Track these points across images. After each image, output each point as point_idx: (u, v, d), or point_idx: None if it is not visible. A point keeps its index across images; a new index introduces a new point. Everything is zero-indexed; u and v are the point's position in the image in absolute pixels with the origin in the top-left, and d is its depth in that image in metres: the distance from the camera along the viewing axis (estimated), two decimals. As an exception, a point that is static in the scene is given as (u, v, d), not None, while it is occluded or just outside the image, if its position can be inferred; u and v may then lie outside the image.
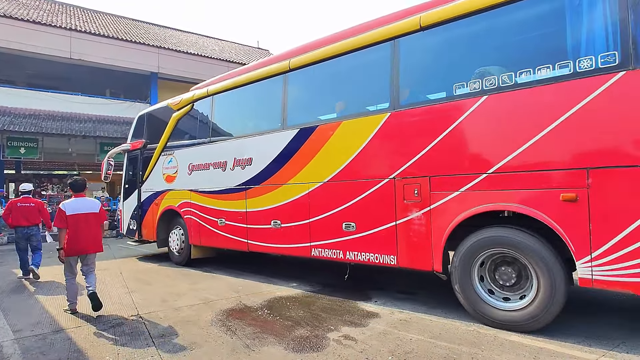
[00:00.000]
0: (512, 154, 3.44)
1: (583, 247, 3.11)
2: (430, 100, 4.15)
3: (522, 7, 3.50)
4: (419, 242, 4.01)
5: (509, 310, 3.51)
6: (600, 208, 3.04)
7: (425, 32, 4.07)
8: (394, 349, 3.11)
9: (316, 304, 4.44)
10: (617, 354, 2.93)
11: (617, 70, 2.99)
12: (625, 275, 2.94)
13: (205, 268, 6.85)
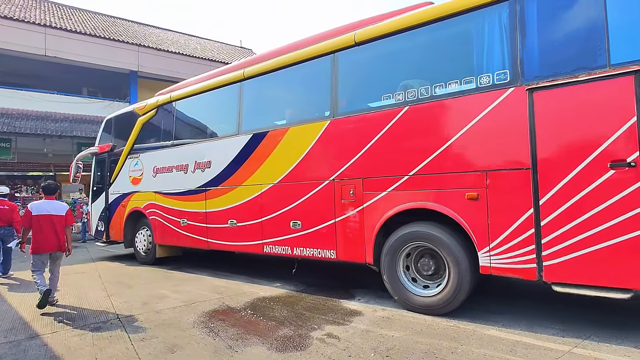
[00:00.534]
0: (428, 158, 3.90)
1: (483, 239, 3.58)
2: (362, 109, 4.51)
3: (434, 29, 4.02)
4: (354, 237, 4.43)
5: (426, 296, 3.95)
6: (496, 205, 3.52)
7: (359, 48, 4.50)
8: (376, 346, 3.15)
9: (300, 304, 4.45)
10: (588, 345, 3.05)
11: (508, 87, 3.49)
12: (515, 262, 3.42)
13: (187, 269, 6.76)
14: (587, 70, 3.16)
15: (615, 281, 3.05)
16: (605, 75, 3.08)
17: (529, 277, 3.39)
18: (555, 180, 3.25)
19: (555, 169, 3.25)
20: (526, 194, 3.37)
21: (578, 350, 2.96)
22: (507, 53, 3.56)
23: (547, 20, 3.39)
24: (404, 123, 4.08)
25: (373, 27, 4.44)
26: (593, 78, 3.12)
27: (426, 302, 3.93)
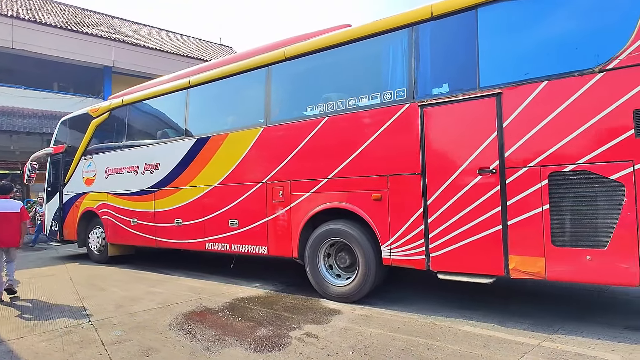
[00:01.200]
0: (343, 163, 4.39)
1: (385, 234, 4.10)
2: (291, 118, 4.94)
3: (348, 49, 4.52)
4: (283, 234, 4.86)
5: (340, 286, 4.44)
6: (395, 205, 4.04)
7: (289, 63, 4.95)
8: (354, 344, 3.18)
9: (279, 304, 4.43)
10: (556, 338, 3.18)
11: (405, 103, 4.03)
12: (410, 255, 3.96)
13: (162, 270, 6.61)
14: (463, 91, 3.73)
15: (482, 269, 3.61)
16: (475, 96, 3.66)
17: (419, 267, 3.91)
18: (438, 184, 3.80)
19: (439, 174, 3.80)
20: (417, 196, 3.90)
21: (547, 343, 3.08)
22: (405, 73, 4.10)
23: (435, 47, 3.99)
24: (324, 132, 4.56)
25: (300, 44, 4.92)
26: (466, 98, 3.70)
27: (340, 291, 4.41)
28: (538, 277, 3.36)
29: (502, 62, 3.65)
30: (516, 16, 3.58)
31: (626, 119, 3.03)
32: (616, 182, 3.06)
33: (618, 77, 3.10)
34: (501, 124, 3.51)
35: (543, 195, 3.31)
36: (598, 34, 3.25)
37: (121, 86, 14.49)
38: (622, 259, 3.02)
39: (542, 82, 3.36)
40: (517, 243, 3.42)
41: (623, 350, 2.91)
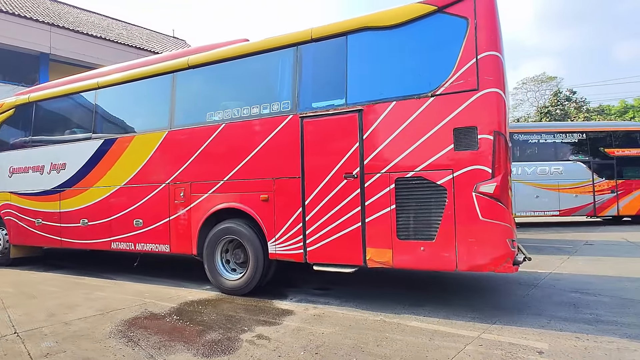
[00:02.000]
0: (237, 167, 4.77)
1: (271, 231, 4.54)
2: (192, 123, 5.23)
3: (243, 62, 4.94)
4: (184, 233, 5.14)
5: (232, 280, 4.79)
6: (280, 205, 4.50)
7: (192, 71, 5.30)
8: (306, 344, 3.18)
9: (230, 306, 4.32)
10: (494, 329, 3.42)
11: (289, 114, 4.50)
12: (291, 249, 4.42)
13: (104, 275, 6.18)
14: (334, 106, 4.29)
15: (347, 260, 4.14)
16: (343, 111, 4.21)
17: (298, 259, 4.38)
18: (314, 187, 4.30)
19: (314, 178, 4.30)
20: (297, 197, 4.38)
21: (485, 335, 3.29)
22: (290, 87, 4.58)
23: (314, 66, 4.52)
24: (222, 137, 4.91)
25: (201, 54, 5.25)
26: (337, 112, 4.25)
27: (232, 284, 4.75)
28: (387, 266, 3.93)
29: (364, 82, 4.25)
30: (375, 45, 4.23)
31: (449, 135, 3.73)
32: (441, 187, 3.73)
33: (444, 101, 3.79)
34: (362, 136, 4.09)
35: (391, 197, 3.92)
36: (431, 66, 3.95)
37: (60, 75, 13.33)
38: (445, 249, 3.69)
39: (392, 101, 4.00)
40: (372, 237, 3.99)
41: (550, 338, 3.19)
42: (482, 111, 3.64)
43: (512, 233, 3.63)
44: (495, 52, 3.69)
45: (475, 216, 3.59)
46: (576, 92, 34.52)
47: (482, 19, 3.72)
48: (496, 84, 3.64)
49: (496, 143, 3.57)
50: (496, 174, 3.55)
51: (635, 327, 3.40)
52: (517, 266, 3.57)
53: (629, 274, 5.48)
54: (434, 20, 3.93)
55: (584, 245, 8.29)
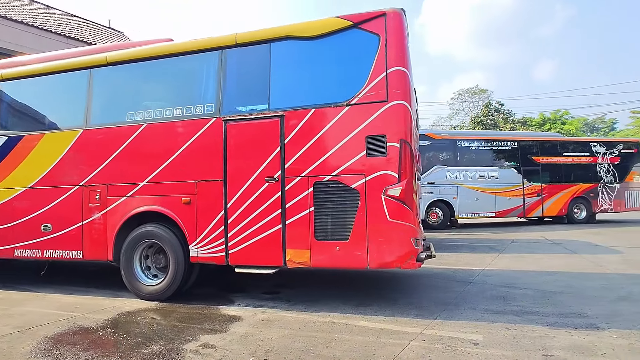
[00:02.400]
0: (158, 169, 4.68)
1: (193, 235, 4.51)
2: (111, 122, 5.03)
3: (166, 62, 4.88)
4: (99, 238, 4.91)
5: (151, 285, 4.67)
6: (202, 208, 4.49)
7: (111, 68, 5.08)
8: (254, 350, 3.10)
9: (172, 315, 4.08)
10: (435, 325, 3.62)
11: (212, 117, 4.52)
12: (213, 252, 4.43)
13: (25, 287, 5.51)
14: (257, 111, 4.39)
15: (268, 261, 4.22)
16: (266, 116, 4.34)
17: (220, 262, 4.39)
18: (236, 190, 4.35)
19: (237, 182, 4.36)
20: (220, 200, 4.40)
21: (428, 330, 3.48)
22: (214, 90, 4.59)
23: (238, 70, 4.60)
24: (142, 138, 4.78)
25: (121, 52, 5.11)
26: (259, 117, 4.36)
27: (151, 290, 4.63)
28: (305, 266, 4.09)
29: (286, 89, 4.41)
30: (297, 54, 4.42)
31: (362, 142, 3.99)
32: (354, 190, 3.98)
33: (358, 110, 4.04)
34: (283, 141, 4.23)
35: (310, 199, 4.10)
36: (347, 77, 4.23)
37: (-30, 62, 11.72)
38: (358, 248, 3.92)
39: (312, 109, 4.20)
40: (292, 239, 4.14)
41: (484, 330, 3.46)
42: (391, 121, 3.95)
43: (416, 232, 3.95)
44: (402, 67, 4.02)
45: (384, 217, 3.87)
46: (504, 104, 38.02)
47: (392, 37, 4.05)
48: (403, 96, 3.96)
49: (402, 150, 3.88)
50: (402, 178, 3.87)
51: (554, 316, 3.81)
52: (421, 262, 3.91)
53: (547, 269, 6.13)
54: (350, 34, 4.20)
55: (511, 244, 9.12)
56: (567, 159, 14.01)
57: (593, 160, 14.05)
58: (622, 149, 14.47)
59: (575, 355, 2.92)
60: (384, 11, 4.12)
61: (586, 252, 7.76)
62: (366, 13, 4.18)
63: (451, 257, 7.37)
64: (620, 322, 3.60)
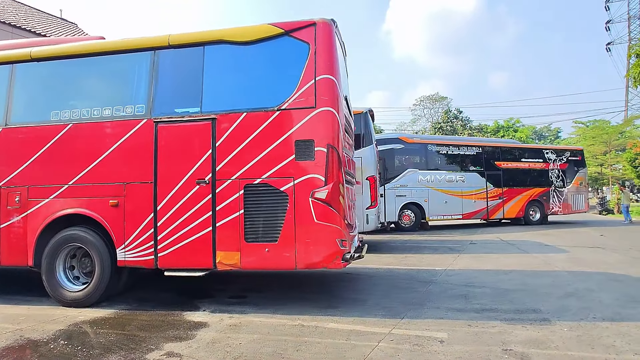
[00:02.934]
0: (84, 170, 4.55)
1: (120, 238, 4.41)
2: (33, 121, 4.83)
3: (97, 61, 4.78)
4: (18, 242, 4.68)
5: (74, 291, 4.51)
6: (130, 211, 4.41)
7: (36, 64, 4.89)
8: (222, 357, 3.01)
9: (133, 323, 3.87)
10: (402, 324, 3.70)
11: (143, 118, 4.47)
12: (142, 256, 4.34)
13: (-38, 298, 4.99)
14: (190, 114, 4.41)
15: (198, 264, 4.22)
16: (198, 119, 4.36)
17: (149, 265, 4.33)
18: (166, 192, 4.32)
19: (167, 184, 4.33)
20: (149, 202, 4.34)
21: (395, 330, 3.55)
22: (145, 91, 4.56)
23: (171, 72, 4.58)
24: (68, 138, 4.62)
25: (47, 47, 4.93)
26: (191, 119, 4.38)
27: (74, 296, 4.47)
28: (235, 268, 4.16)
29: (219, 92, 4.46)
30: (230, 58, 4.49)
31: (291, 146, 4.11)
32: (284, 193, 4.08)
33: (287, 115, 4.17)
34: (215, 144, 4.26)
35: (240, 202, 4.15)
36: (278, 82, 4.36)
37: None
38: (286, 249, 4.02)
39: (244, 113, 4.26)
40: (222, 241, 4.16)
41: (448, 327, 3.59)
42: (319, 126, 4.09)
43: (342, 234, 4.08)
44: (331, 75, 4.17)
45: (311, 219, 4.00)
46: (462, 111, 39.95)
47: (321, 46, 4.20)
48: (331, 103, 4.11)
49: (329, 155, 4.03)
50: (328, 182, 4.01)
51: (511, 312, 4.03)
52: (347, 262, 4.08)
53: (503, 267, 6.49)
54: (281, 42, 4.33)
55: (470, 245, 9.56)
56: (524, 165, 15.15)
57: (546, 166, 15.32)
58: (569, 156, 15.96)
59: (532, 348, 3.10)
60: (314, 21, 4.27)
61: (537, 251, 8.30)
62: (297, 22, 4.32)
63: (414, 258, 7.60)
64: (569, 316, 3.88)
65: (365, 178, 8.35)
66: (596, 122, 35.02)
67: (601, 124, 33.86)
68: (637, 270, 6.20)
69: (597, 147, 30.36)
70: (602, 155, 30.40)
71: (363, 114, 8.67)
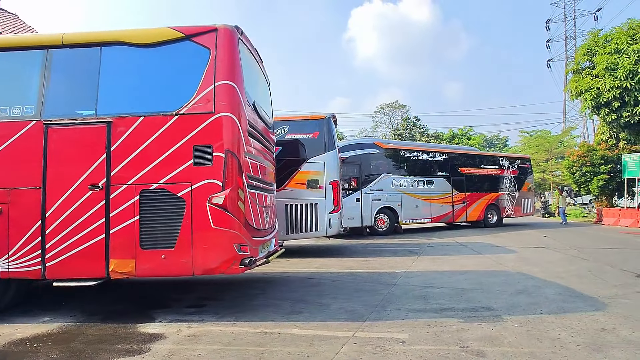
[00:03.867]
0: None
1: (4, 248, 4.12)
2: None
3: None
4: None
5: None
6: (15, 218, 4.13)
7: None
8: (180, 370, 2.86)
9: (79, 338, 3.57)
10: (365, 327, 3.72)
11: (32, 119, 4.23)
12: (28, 266, 4.10)
13: None
14: (84, 116, 4.26)
15: (90, 273, 4.07)
16: (92, 121, 4.22)
17: (35, 277, 4.11)
18: (56, 198, 4.12)
19: (57, 189, 4.13)
20: (37, 209, 4.11)
21: (358, 333, 3.57)
22: (35, 91, 4.34)
23: (65, 72, 4.40)
24: None
25: None
26: (85, 122, 4.23)
27: None
28: (130, 276, 4.04)
29: (116, 95, 4.34)
30: (129, 60, 4.41)
31: (189, 151, 4.07)
32: (181, 198, 4.03)
33: (186, 120, 4.13)
34: (110, 148, 4.14)
35: (136, 208, 4.05)
36: (177, 87, 4.30)
37: None
38: (183, 256, 3.98)
39: (141, 116, 4.18)
40: (116, 248, 4.04)
41: (409, 328, 3.67)
42: (217, 132, 4.09)
43: (241, 239, 4.11)
44: (231, 81, 4.18)
45: (208, 225, 3.98)
46: (420, 119, 41.59)
47: (222, 52, 4.22)
48: (230, 109, 4.13)
49: (228, 160, 4.04)
50: (226, 187, 4.02)
51: (467, 311, 4.20)
52: (246, 267, 4.10)
53: (459, 268, 6.78)
54: (181, 46, 4.32)
55: (427, 247, 9.91)
56: (483, 171, 16.30)
57: (501, 172, 16.68)
58: (519, 163, 17.57)
59: (487, 345, 3.25)
60: (215, 26, 4.29)
61: (489, 252, 8.77)
62: (199, 27, 4.32)
63: (376, 262, 7.73)
64: (519, 312, 4.12)
65: (328, 182, 8.39)
66: (539, 132, 37.91)
67: (543, 133, 36.67)
68: (575, 267, 6.74)
69: (540, 155, 32.84)
70: (544, 163, 32.93)
71: (326, 119, 8.74)
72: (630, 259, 7.63)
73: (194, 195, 4.00)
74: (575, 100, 16.66)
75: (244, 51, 4.56)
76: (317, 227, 8.23)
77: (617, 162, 19.13)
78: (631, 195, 18.97)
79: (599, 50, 14.49)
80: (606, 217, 17.87)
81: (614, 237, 12.27)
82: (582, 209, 25.83)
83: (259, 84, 5.51)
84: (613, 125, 15.23)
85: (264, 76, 5.80)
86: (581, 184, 21.75)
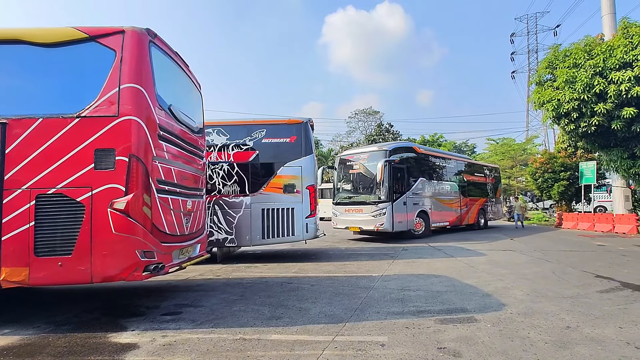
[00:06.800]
0: None
1: None
2: None
3: None
4: None
5: None
6: None
7: None
8: (157, 380, 2.76)
9: (46, 350, 3.38)
10: (345, 331, 3.75)
11: None
12: None
13: None
14: None
15: None
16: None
17: None
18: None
19: None
20: None
21: (339, 337, 3.59)
22: None
23: None
24: None
25: None
26: None
27: None
28: (23, 285, 3.89)
29: (12, 95, 4.18)
30: (28, 60, 4.23)
31: (90, 155, 3.99)
32: (80, 203, 3.93)
33: (88, 123, 4.05)
34: (4, 150, 3.98)
35: (31, 213, 3.90)
36: (79, 88, 4.21)
37: None
38: (81, 263, 3.88)
39: (39, 118, 4.04)
40: (8, 256, 3.86)
41: (388, 331, 3.73)
42: (120, 136, 4.02)
43: (145, 245, 4.05)
44: (136, 84, 4.14)
45: (109, 230, 3.89)
46: (393, 125, 42.45)
47: (128, 54, 4.17)
48: (136, 112, 4.08)
49: (132, 164, 3.98)
50: (129, 192, 3.96)
51: (443, 313, 4.33)
52: (150, 274, 4.07)
53: (434, 271, 6.96)
54: (86, 47, 4.23)
55: (402, 251, 10.10)
56: (477, 178, 18.15)
57: (485, 180, 18.78)
58: (494, 172, 19.97)
59: (463, 345, 3.36)
60: (122, 28, 4.24)
61: (461, 255, 9.07)
62: (105, 28, 4.25)
63: (353, 265, 7.80)
64: (491, 313, 4.29)
65: (305, 187, 8.40)
66: (504, 139, 39.71)
67: (508, 141, 38.41)
68: (541, 269, 7.10)
69: (506, 161, 34.38)
70: (510, 169, 34.50)
71: (303, 123, 8.76)
72: (589, 261, 8.13)
73: (94, 200, 3.88)
74: (538, 110, 17.59)
75: (157, 54, 4.48)
76: (294, 231, 8.21)
77: (576, 169, 20.38)
78: (588, 201, 20.24)
79: (559, 64, 15.38)
80: (566, 220, 18.95)
81: (574, 240, 13.02)
82: (544, 213, 27.23)
83: (180, 88, 5.40)
84: (572, 135, 16.15)
85: (189, 80, 5.66)
86: (543, 190, 22.98)
